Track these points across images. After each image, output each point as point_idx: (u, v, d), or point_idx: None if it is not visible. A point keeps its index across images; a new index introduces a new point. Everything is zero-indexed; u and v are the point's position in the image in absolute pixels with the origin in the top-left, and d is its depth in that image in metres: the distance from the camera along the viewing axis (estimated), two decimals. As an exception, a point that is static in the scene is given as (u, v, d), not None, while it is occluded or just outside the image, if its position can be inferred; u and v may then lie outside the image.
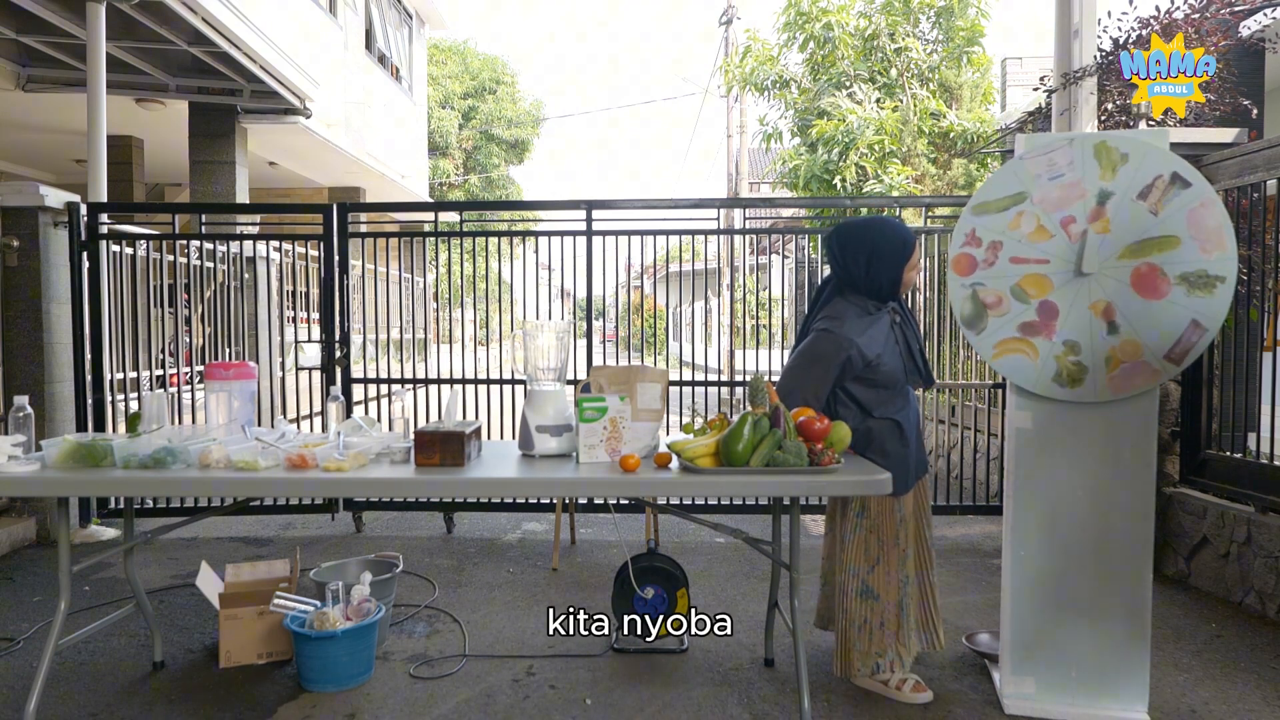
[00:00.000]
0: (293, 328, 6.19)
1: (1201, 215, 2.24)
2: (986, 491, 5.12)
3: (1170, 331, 2.27)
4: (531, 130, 20.90)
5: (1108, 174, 2.30)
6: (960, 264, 2.40)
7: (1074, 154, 2.32)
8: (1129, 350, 2.30)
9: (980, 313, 2.39)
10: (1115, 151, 2.30)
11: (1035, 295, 2.35)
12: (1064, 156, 2.33)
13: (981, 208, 2.39)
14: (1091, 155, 2.31)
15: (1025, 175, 2.36)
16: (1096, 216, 2.31)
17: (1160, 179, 2.26)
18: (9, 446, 2.24)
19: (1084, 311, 2.33)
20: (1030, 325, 2.37)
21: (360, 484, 2.16)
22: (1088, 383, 2.34)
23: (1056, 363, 2.36)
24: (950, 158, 8.72)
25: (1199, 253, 2.25)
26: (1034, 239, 2.35)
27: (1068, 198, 2.33)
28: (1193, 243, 2.25)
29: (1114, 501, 2.41)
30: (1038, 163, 2.35)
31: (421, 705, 2.53)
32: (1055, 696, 2.45)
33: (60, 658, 2.86)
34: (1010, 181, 2.37)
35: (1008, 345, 2.39)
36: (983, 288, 2.39)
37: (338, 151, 9.30)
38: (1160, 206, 2.26)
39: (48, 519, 4.35)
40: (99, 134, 5.23)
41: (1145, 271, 2.28)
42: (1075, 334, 2.34)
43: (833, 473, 2.13)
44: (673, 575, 2.90)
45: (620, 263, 4.77)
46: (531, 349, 2.50)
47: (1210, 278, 2.24)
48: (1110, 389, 2.33)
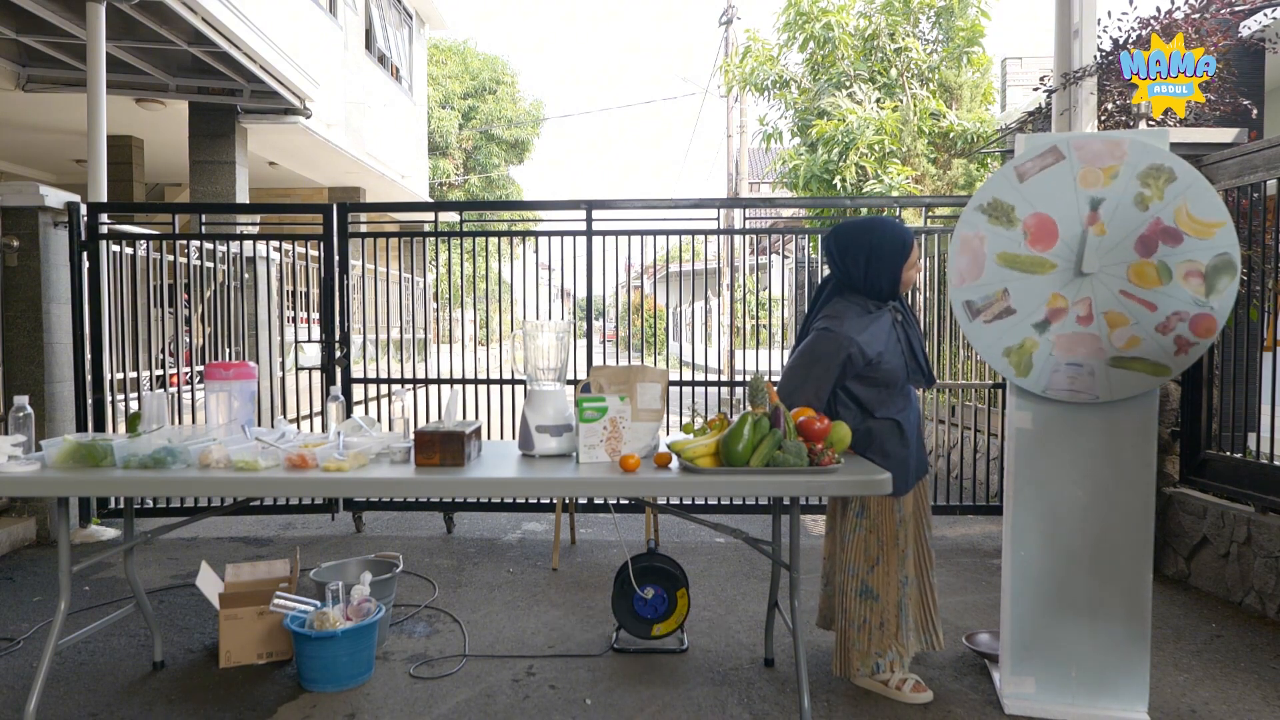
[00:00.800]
0: (293, 328, 6.19)
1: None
2: (986, 491, 5.12)
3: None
4: (531, 130, 20.90)
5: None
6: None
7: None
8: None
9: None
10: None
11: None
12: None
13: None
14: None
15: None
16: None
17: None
18: (9, 446, 2.24)
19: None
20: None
21: (360, 484, 2.16)
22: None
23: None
24: (950, 158, 8.72)
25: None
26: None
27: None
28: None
29: (1114, 501, 2.41)
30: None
31: (421, 705, 2.53)
32: (1055, 696, 2.45)
33: (60, 658, 2.86)
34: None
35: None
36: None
37: (338, 151, 9.30)
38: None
39: (48, 519, 4.35)
40: (99, 134, 5.23)
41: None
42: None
43: (833, 473, 2.13)
44: (673, 575, 2.90)
45: (620, 263, 4.77)
46: (531, 349, 2.50)
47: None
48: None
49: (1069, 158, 2.32)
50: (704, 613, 3.31)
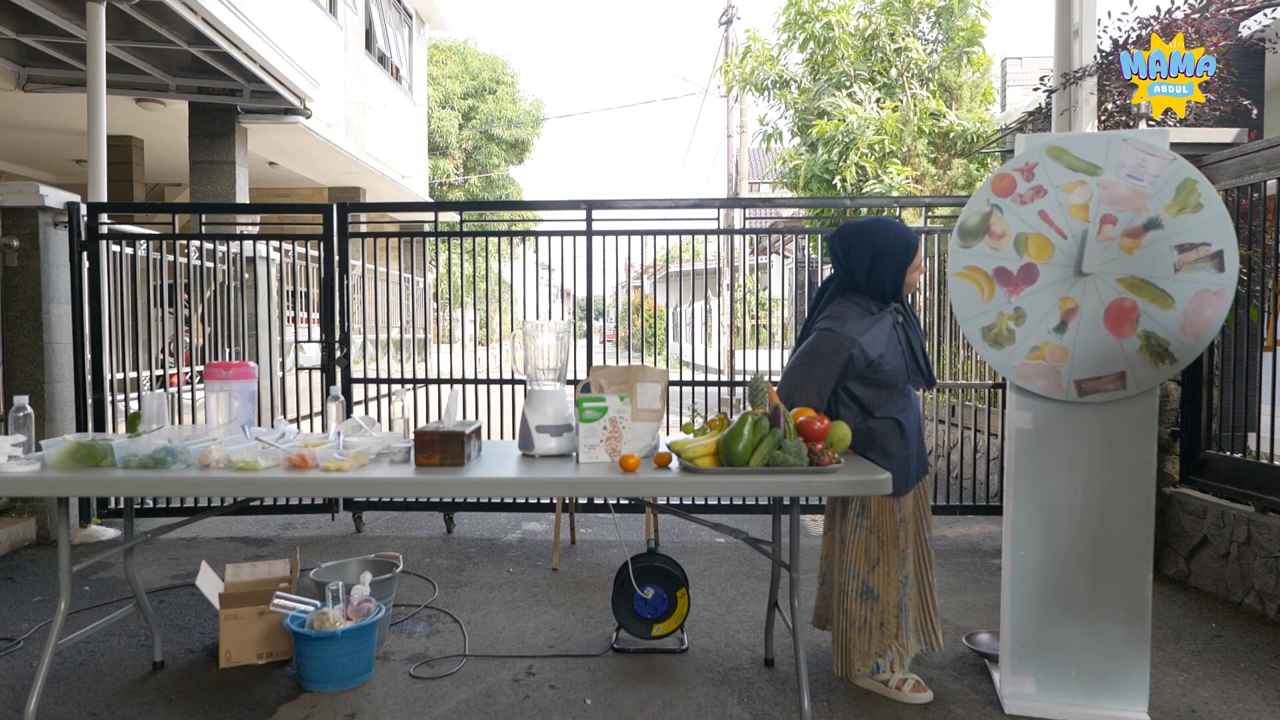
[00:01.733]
0: (293, 328, 6.19)
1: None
2: (986, 491, 5.12)
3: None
4: (531, 130, 20.91)
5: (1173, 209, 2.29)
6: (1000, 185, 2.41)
7: (1163, 169, 2.29)
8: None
9: (980, 230, 2.42)
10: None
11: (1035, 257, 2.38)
12: (1154, 166, 2.30)
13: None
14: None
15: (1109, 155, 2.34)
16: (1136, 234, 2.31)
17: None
18: (9, 446, 2.24)
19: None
20: (1003, 271, 2.38)
21: (360, 484, 2.16)
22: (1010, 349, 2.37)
23: (998, 320, 2.38)
24: (950, 158, 8.72)
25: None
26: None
27: (1124, 198, 2.32)
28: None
29: (1114, 501, 2.41)
30: (1131, 154, 2.31)
31: (421, 705, 2.53)
32: (1055, 696, 2.45)
33: (60, 658, 2.86)
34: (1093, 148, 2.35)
35: (966, 274, 2.42)
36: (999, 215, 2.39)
37: (338, 151, 9.30)
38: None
39: (48, 519, 4.35)
40: (99, 134, 5.23)
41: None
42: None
43: (833, 473, 2.13)
44: (673, 575, 2.90)
45: (620, 263, 4.78)
46: (531, 349, 2.50)
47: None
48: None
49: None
50: (704, 613, 3.31)
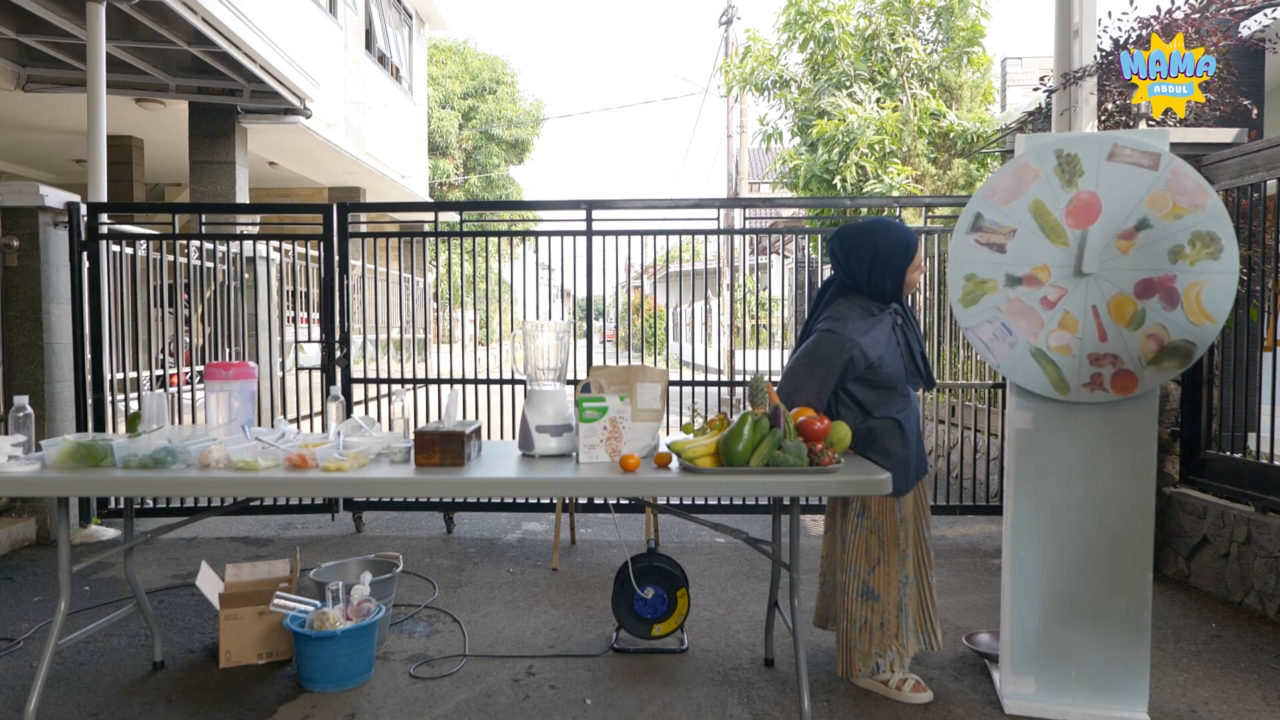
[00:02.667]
0: (293, 328, 6.20)
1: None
2: (986, 491, 5.12)
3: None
4: (531, 130, 20.91)
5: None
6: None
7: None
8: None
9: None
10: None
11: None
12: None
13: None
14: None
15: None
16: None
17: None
18: (9, 446, 2.24)
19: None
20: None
21: (360, 484, 2.16)
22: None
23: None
24: (950, 158, 8.72)
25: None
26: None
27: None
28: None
29: (1114, 501, 2.41)
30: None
31: (421, 705, 2.53)
32: (1055, 696, 2.45)
33: (60, 658, 2.86)
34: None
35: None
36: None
37: (338, 151, 9.30)
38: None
39: (48, 519, 4.35)
40: (99, 134, 5.23)
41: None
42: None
43: (833, 473, 2.13)
44: (673, 575, 2.90)
45: (620, 263, 4.78)
46: (531, 349, 2.50)
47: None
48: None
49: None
50: (704, 613, 3.31)
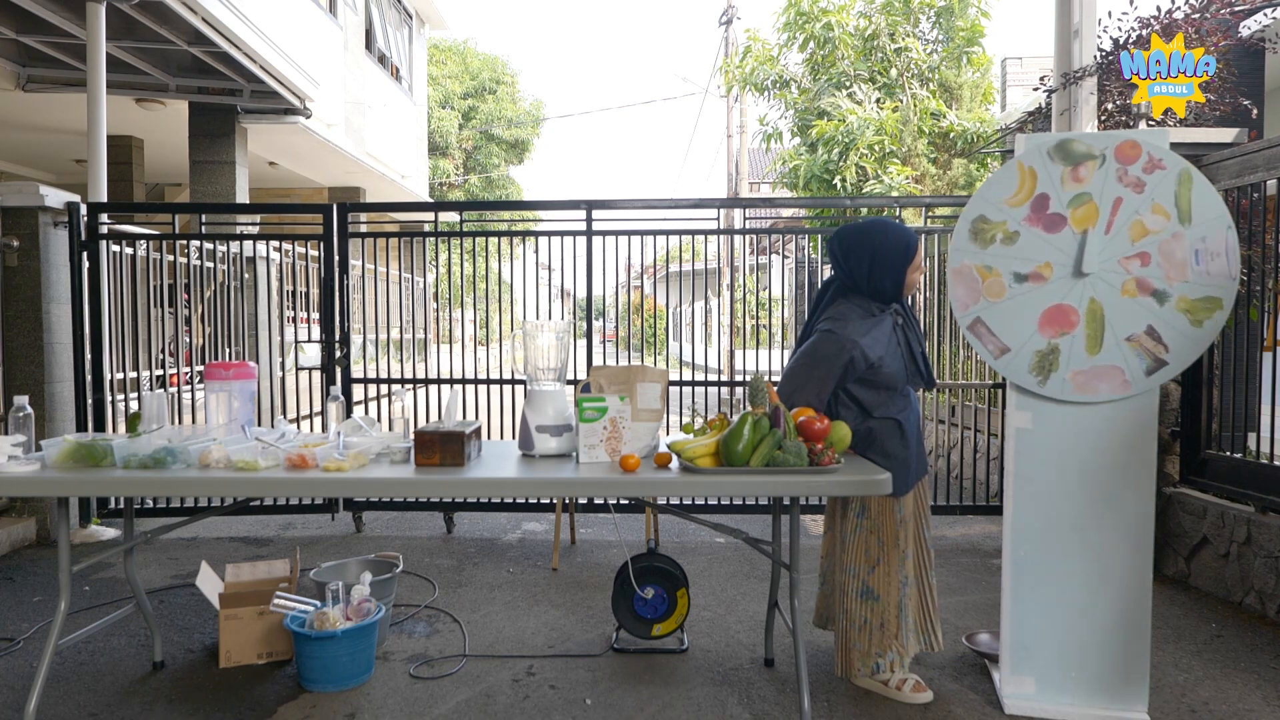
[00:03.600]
0: (293, 328, 6.20)
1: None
2: (986, 491, 5.12)
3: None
4: (531, 130, 20.91)
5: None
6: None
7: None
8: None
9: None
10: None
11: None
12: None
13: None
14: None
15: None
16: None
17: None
18: (9, 446, 2.24)
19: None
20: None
21: (360, 484, 2.16)
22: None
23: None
24: (950, 158, 8.72)
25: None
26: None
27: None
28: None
29: (1114, 501, 2.41)
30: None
31: (421, 705, 2.53)
32: (1055, 696, 2.45)
33: (60, 658, 2.86)
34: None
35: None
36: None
37: (338, 151, 9.30)
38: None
39: (48, 519, 4.35)
40: (99, 134, 5.23)
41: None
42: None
43: (833, 473, 2.13)
44: (673, 575, 2.90)
45: (620, 263, 4.78)
46: (531, 349, 2.50)
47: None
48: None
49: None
50: (704, 613, 3.31)
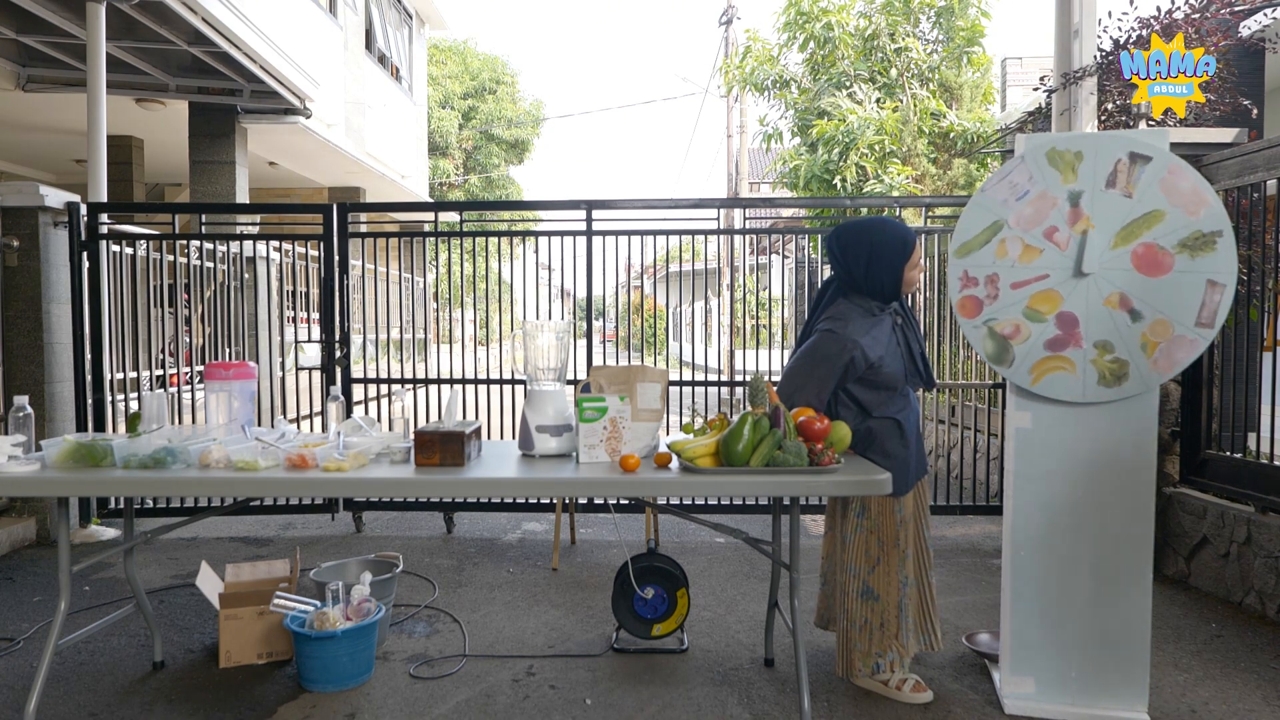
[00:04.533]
0: (293, 328, 6.20)
1: (1173, 181, 2.27)
2: (986, 491, 5.12)
3: (1190, 300, 2.28)
4: (531, 130, 20.91)
5: (1069, 175, 2.33)
6: (965, 307, 2.41)
7: (1030, 168, 2.35)
8: (1160, 330, 2.30)
9: (1003, 346, 2.39)
10: (1068, 153, 2.33)
11: (1049, 311, 2.36)
12: (1022, 174, 2.36)
13: (964, 249, 2.41)
14: (1047, 164, 2.34)
15: (993, 204, 2.38)
16: (1076, 218, 2.33)
17: (1120, 162, 2.30)
18: (9, 446, 2.24)
19: (1102, 309, 2.33)
20: (1056, 340, 2.36)
21: (360, 484, 2.16)
22: (1132, 375, 2.33)
23: (1095, 367, 2.35)
24: (950, 158, 8.72)
25: (1185, 216, 2.27)
26: (1025, 260, 2.37)
27: (1041, 210, 2.35)
28: (1175, 209, 2.27)
29: (1114, 501, 2.41)
30: (1000, 189, 2.38)
31: (421, 705, 2.53)
32: (1055, 696, 2.45)
33: (60, 658, 2.86)
34: (981, 216, 2.39)
35: (1042, 367, 2.38)
36: (996, 321, 2.39)
37: (338, 151, 9.30)
38: (1131, 187, 2.30)
39: (48, 519, 4.35)
40: (99, 134, 5.23)
41: (1143, 252, 2.30)
42: (1103, 334, 2.34)
43: (833, 473, 2.13)
44: (673, 575, 2.90)
45: (620, 263, 4.78)
46: (531, 349, 2.50)
47: (1206, 235, 2.26)
48: (1157, 372, 2.32)
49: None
50: (704, 613, 3.31)
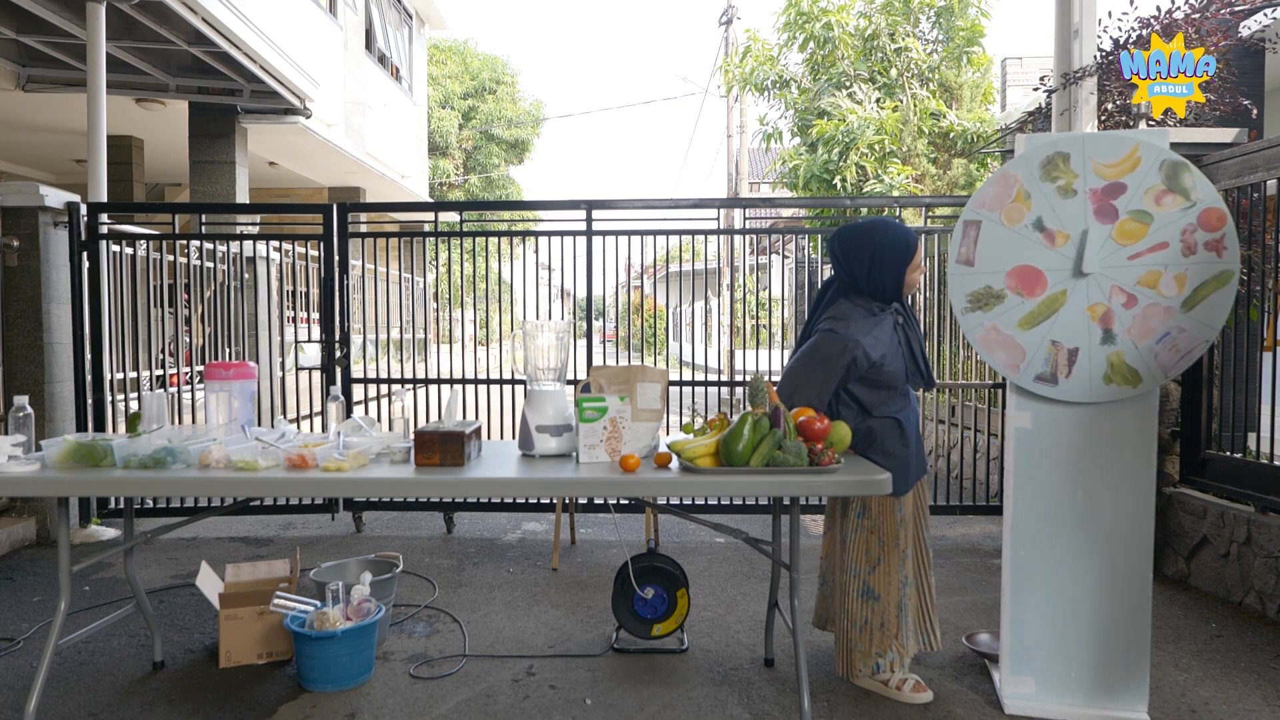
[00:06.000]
0: (293, 328, 6.20)
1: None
2: (986, 491, 5.12)
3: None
4: (531, 130, 20.91)
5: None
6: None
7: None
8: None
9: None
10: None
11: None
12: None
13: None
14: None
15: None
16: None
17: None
18: (9, 446, 2.24)
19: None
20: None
21: (360, 484, 2.16)
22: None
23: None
24: (950, 158, 8.72)
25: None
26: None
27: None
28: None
29: (1114, 501, 2.41)
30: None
31: (421, 705, 2.53)
32: (1055, 696, 2.45)
33: (60, 658, 2.86)
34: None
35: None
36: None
37: (338, 151, 9.30)
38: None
39: (48, 519, 4.35)
40: (99, 134, 5.23)
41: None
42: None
43: (833, 473, 2.13)
44: (673, 575, 2.90)
45: (620, 263, 4.77)
46: (531, 349, 2.50)
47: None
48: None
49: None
50: (704, 613, 3.31)
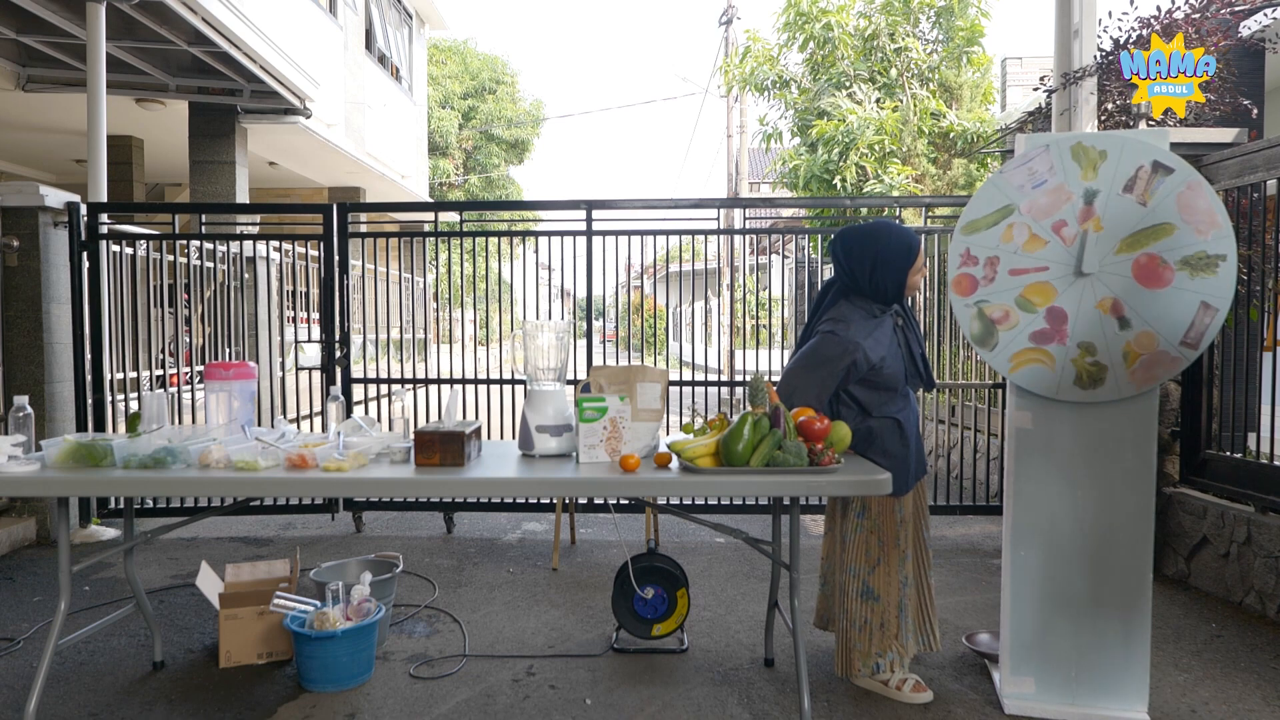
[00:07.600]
0: (293, 328, 6.19)
1: (1189, 198, 2.25)
2: (986, 491, 5.12)
3: (1181, 318, 2.27)
4: (531, 130, 20.91)
5: (1089, 173, 2.32)
6: (960, 285, 2.40)
7: (1053, 159, 2.34)
8: (1145, 343, 2.29)
9: (989, 329, 2.39)
10: (1093, 150, 2.32)
11: (1041, 303, 2.35)
12: (1043, 163, 2.34)
13: (971, 227, 2.40)
14: (1070, 157, 2.33)
15: (1009, 188, 2.37)
16: (1087, 216, 2.31)
17: (1142, 169, 2.28)
18: (9, 446, 2.24)
19: (1092, 311, 2.32)
20: (1041, 334, 2.36)
21: (360, 484, 2.16)
22: (1109, 381, 2.33)
23: (1074, 366, 2.35)
24: (950, 158, 8.72)
25: (1194, 234, 2.25)
26: (1029, 249, 2.36)
27: (1055, 203, 2.34)
28: (1186, 226, 2.25)
29: (1114, 501, 2.41)
30: (1019, 174, 2.36)
31: (421, 705, 2.53)
32: (1055, 696, 2.45)
33: (60, 658, 2.86)
34: (995, 197, 2.38)
35: (1022, 357, 2.38)
36: (987, 304, 2.38)
37: (338, 151, 9.30)
38: (1148, 196, 2.28)
39: (48, 519, 4.35)
40: (99, 134, 5.23)
41: (1145, 262, 2.28)
42: (1088, 335, 2.33)
43: (833, 473, 2.13)
44: (673, 575, 2.90)
45: (620, 263, 4.77)
46: (531, 349, 2.50)
47: (1210, 257, 2.24)
48: (1133, 383, 2.32)
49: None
50: (704, 613, 3.31)
